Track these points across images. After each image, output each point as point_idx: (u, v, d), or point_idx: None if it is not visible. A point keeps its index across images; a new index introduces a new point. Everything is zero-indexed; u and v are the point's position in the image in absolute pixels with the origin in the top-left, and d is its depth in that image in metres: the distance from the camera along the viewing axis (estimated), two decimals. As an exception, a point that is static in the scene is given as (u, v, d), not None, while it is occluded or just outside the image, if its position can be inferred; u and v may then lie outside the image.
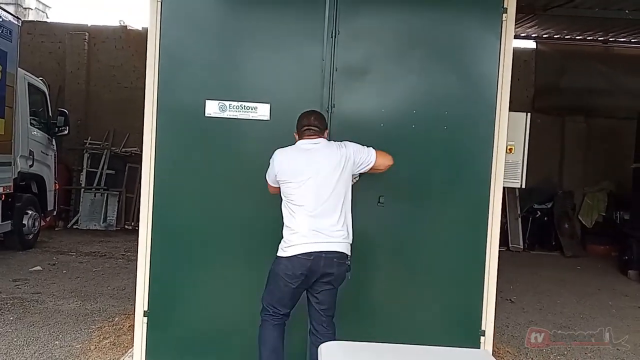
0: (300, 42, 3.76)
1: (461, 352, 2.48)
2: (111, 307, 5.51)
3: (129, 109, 10.79)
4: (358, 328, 3.62)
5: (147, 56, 3.73)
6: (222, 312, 3.82)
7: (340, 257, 3.17)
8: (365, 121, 3.73)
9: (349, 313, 3.63)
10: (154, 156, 3.73)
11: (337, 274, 3.18)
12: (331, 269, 3.15)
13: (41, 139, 8.64)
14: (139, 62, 11.09)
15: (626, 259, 8.49)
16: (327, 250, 3.14)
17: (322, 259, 3.12)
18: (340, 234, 3.18)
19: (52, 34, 11.70)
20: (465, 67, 3.79)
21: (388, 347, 2.32)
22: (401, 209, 3.77)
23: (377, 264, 3.80)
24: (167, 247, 3.78)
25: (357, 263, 3.37)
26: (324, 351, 2.08)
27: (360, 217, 3.42)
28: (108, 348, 4.36)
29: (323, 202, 3.15)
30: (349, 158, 3.20)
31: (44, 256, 7.89)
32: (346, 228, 3.22)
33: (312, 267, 3.13)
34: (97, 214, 10.94)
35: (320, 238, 3.13)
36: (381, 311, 3.80)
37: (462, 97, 3.75)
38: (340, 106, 3.69)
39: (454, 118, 3.73)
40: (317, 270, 3.14)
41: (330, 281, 3.20)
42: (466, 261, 3.75)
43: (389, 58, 3.79)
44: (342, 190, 3.20)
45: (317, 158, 3.21)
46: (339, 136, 3.50)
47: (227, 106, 3.70)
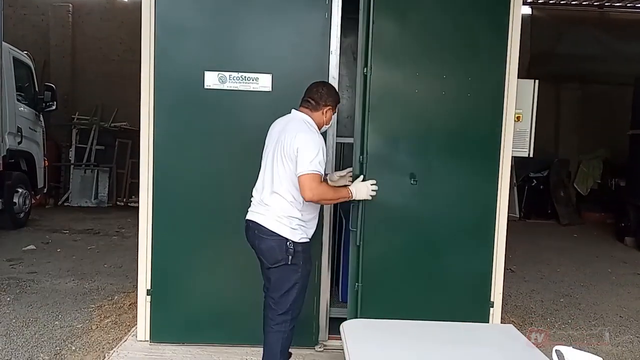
0: (304, 7, 3.60)
1: (485, 327, 2.42)
2: (109, 285, 5.42)
3: (117, 82, 10.59)
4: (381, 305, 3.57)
5: (142, 26, 3.58)
6: (226, 289, 3.75)
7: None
8: (401, 87, 3.56)
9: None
10: (152, 131, 3.60)
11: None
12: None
13: (29, 115, 8.42)
14: (125, 34, 10.90)
15: (622, 226, 8.53)
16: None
17: None
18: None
19: (35, 7, 11.35)
20: (475, 34, 3.63)
21: (411, 324, 2.25)
22: (425, 185, 3.58)
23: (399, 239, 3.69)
24: (168, 224, 3.67)
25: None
26: (346, 328, 2.00)
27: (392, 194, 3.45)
28: (110, 327, 4.28)
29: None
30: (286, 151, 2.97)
31: (37, 235, 7.76)
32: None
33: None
34: (87, 191, 10.79)
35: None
36: (402, 284, 3.70)
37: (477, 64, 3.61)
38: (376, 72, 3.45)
39: (477, 85, 3.58)
40: None
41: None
42: (477, 232, 3.68)
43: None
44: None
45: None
46: (377, 101, 3.41)
47: (227, 77, 3.57)
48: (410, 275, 3.62)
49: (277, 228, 2.97)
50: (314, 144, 2.92)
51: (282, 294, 3.01)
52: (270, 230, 2.98)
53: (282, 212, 2.97)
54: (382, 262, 3.57)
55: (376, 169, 3.42)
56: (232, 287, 3.74)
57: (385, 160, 3.52)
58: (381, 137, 3.50)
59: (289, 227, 2.97)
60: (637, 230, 8.09)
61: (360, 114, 3.43)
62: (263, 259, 3.06)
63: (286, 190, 2.97)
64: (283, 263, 2.97)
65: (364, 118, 3.41)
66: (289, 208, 2.97)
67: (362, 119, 3.42)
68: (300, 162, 2.89)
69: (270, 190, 3.01)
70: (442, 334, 2.11)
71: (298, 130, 2.96)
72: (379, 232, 3.52)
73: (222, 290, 3.75)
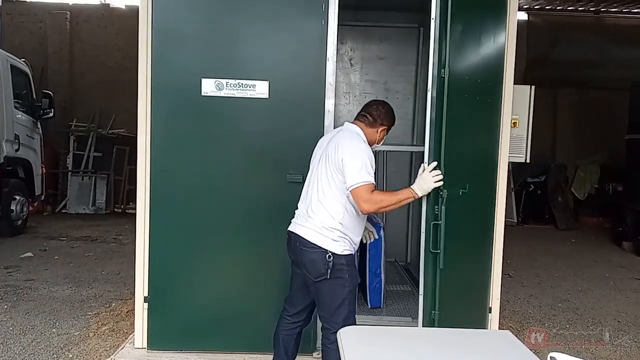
0: (300, 14, 3.61)
1: (482, 333, 2.42)
2: (107, 292, 5.41)
3: (114, 89, 10.59)
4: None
5: (139, 34, 3.58)
6: (224, 296, 3.74)
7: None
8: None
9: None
10: (149, 138, 3.61)
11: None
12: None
13: (26, 123, 8.42)
14: (123, 41, 10.91)
15: (620, 231, 8.54)
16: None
17: None
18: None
19: (33, 14, 11.38)
20: (478, 39, 3.61)
21: (407, 330, 2.25)
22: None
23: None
24: (165, 231, 3.67)
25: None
26: (343, 334, 2.00)
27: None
28: (107, 334, 4.27)
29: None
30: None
31: (35, 242, 7.74)
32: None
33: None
34: (85, 198, 10.77)
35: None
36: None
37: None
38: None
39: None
40: None
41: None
42: (476, 238, 3.68)
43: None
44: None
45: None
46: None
47: (224, 84, 3.57)
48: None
49: (318, 240, 2.87)
50: (360, 153, 2.84)
51: (333, 312, 2.88)
52: (312, 242, 2.88)
53: (323, 223, 2.87)
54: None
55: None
56: (230, 294, 3.73)
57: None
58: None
59: (330, 239, 2.86)
60: (634, 234, 8.10)
61: (436, 117, 3.11)
62: (307, 273, 2.92)
63: (328, 201, 2.89)
64: (326, 277, 2.84)
65: (442, 122, 3.09)
66: (330, 219, 2.87)
67: (439, 123, 3.10)
68: (348, 175, 2.80)
69: (313, 202, 2.93)
70: (439, 339, 2.11)
71: (344, 139, 2.91)
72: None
73: (220, 297, 3.75)
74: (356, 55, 5.94)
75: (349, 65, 5.96)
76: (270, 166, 3.62)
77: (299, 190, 3.36)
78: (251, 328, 3.68)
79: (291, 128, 3.61)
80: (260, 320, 3.61)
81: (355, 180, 2.78)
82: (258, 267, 3.70)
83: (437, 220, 3.05)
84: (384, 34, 5.90)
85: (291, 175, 3.53)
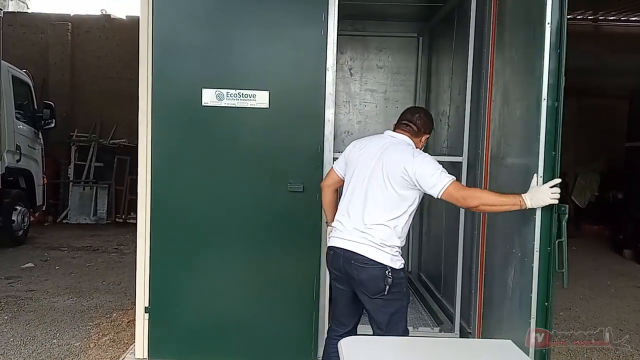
0: (300, 25, 3.63)
1: (484, 342, 2.42)
2: (107, 302, 5.41)
3: (115, 99, 10.66)
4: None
5: (140, 45, 3.61)
6: (225, 306, 3.73)
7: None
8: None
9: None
10: (150, 149, 3.62)
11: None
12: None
13: (27, 133, 8.45)
14: (124, 51, 10.96)
15: (621, 238, 8.52)
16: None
17: None
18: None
19: (34, 25, 11.45)
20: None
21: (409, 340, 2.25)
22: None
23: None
24: (166, 241, 3.68)
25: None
26: (344, 345, 2.00)
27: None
28: (108, 345, 4.27)
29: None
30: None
31: (35, 252, 7.75)
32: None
33: None
34: (86, 208, 10.79)
35: None
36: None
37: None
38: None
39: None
40: None
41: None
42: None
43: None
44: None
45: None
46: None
47: (225, 94, 3.59)
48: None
49: (378, 256, 2.78)
50: (425, 159, 2.78)
51: (391, 327, 2.82)
52: (372, 259, 2.78)
53: (384, 240, 2.78)
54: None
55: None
56: (231, 304, 3.72)
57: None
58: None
59: (390, 255, 2.79)
60: (635, 242, 8.08)
61: (553, 128, 2.84)
62: (363, 290, 2.83)
63: (386, 216, 2.80)
64: (386, 293, 2.77)
65: (557, 132, 2.83)
66: (391, 236, 2.80)
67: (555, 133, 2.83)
68: (429, 184, 2.71)
69: (370, 217, 2.81)
70: (441, 349, 2.11)
71: (404, 154, 2.82)
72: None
73: (221, 307, 3.74)
74: (356, 64, 5.97)
75: (349, 75, 5.99)
76: (271, 176, 3.63)
77: (299, 200, 3.40)
78: (252, 338, 3.67)
79: (291, 137, 3.62)
80: (260, 330, 3.62)
81: (441, 182, 2.69)
82: (259, 276, 3.70)
83: (560, 237, 2.79)
84: (383, 44, 5.94)
85: (291, 185, 3.55)
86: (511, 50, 3.35)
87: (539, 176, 2.76)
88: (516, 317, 3.01)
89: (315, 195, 3.48)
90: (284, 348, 3.66)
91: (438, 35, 5.48)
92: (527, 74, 3.01)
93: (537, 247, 2.80)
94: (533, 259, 2.79)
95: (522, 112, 3.12)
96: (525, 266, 2.87)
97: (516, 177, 3.12)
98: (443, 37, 5.18)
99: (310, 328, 3.66)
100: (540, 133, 2.77)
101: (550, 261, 2.76)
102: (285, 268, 3.64)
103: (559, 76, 2.77)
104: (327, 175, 3.23)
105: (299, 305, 3.64)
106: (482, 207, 2.74)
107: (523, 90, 3.14)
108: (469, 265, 3.95)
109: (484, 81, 3.76)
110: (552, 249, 2.77)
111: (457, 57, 4.56)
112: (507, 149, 3.37)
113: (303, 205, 3.56)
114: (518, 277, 2.99)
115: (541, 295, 2.81)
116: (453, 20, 4.65)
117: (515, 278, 3.03)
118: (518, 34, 3.28)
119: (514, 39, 3.33)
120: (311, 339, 3.68)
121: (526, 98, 3.04)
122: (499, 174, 3.46)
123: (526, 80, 3.06)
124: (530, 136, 2.90)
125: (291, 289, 3.64)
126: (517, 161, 3.20)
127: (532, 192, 2.73)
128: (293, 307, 3.66)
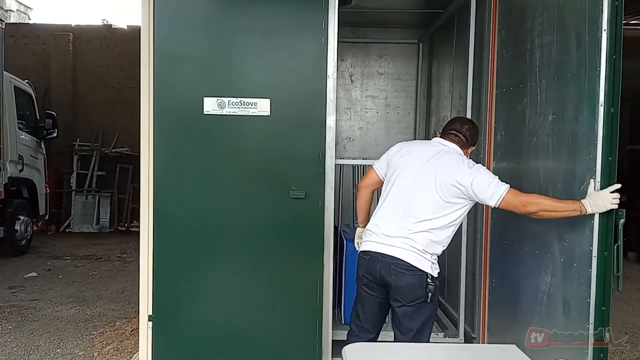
0: (300, 33, 3.64)
1: (488, 348, 2.41)
2: (111, 311, 5.41)
3: (117, 108, 10.70)
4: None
5: (141, 55, 3.61)
6: (228, 314, 3.72)
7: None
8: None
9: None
10: (152, 157, 3.62)
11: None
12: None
13: (30, 143, 8.49)
14: (125, 61, 11.01)
15: (625, 241, 8.41)
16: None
17: None
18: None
19: (36, 36, 11.50)
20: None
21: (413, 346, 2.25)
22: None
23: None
24: (169, 249, 3.67)
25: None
26: (348, 351, 2.00)
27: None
28: (112, 354, 4.27)
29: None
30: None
31: (39, 261, 7.76)
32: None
33: None
34: (89, 217, 10.81)
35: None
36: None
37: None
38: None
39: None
40: None
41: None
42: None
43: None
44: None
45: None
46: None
47: (226, 103, 3.60)
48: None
49: (419, 263, 2.77)
50: (485, 170, 2.80)
51: (420, 335, 2.81)
52: (413, 265, 2.76)
53: (426, 247, 2.78)
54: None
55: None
56: (234, 311, 3.71)
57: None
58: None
59: (430, 262, 2.79)
60: (639, 245, 8.05)
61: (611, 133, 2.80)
62: (399, 296, 2.80)
63: (436, 225, 2.79)
64: (422, 300, 2.77)
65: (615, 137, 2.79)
66: (435, 244, 2.80)
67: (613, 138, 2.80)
68: (489, 192, 2.70)
69: (414, 223, 2.80)
70: (445, 355, 2.11)
71: (458, 165, 2.80)
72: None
73: (224, 315, 3.73)
74: (356, 71, 6.00)
75: (350, 82, 6.01)
76: (273, 183, 3.63)
77: (301, 207, 3.38)
78: (255, 346, 3.66)
79: (293, 144, 3.62)
80: (264, 337, 3.61)
81: (499, 190, 2.69)
82: (261, 283, 3.69)
83: (617, 241, 2.80)
84: (383, 50, 5.96)
85: (293, 192, 3.55)
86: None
87: (595, 180, 2.73)
88: (554, 321, 3.00)
89: (317, 202, 3.49)
90: (288, 355, 3.65)
91: (438, 41, 5.50)
92: (567, 81, 2.98)
93: (595, 252, 2.75)
94: (591, 265, 2.73)
95: (556, 118, 3.04)
96: (572, 272, 2.84)
97: (521, 181, 3.14)
98: (443, 43, 5.20)
99: (314, 335, 3.65)
100: (597, 139, 2.74)
101: (606, 266, 2.72)
102: (288, 274, 3.63)
103: (614, 82, 2.79)
104: (366, 175, 3.20)
105: (302, 312, 3.63)
106: (541, 212, 2.69)
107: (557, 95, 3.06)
108: (472, 269, 3.95)
109: (485, 86, 3.77)
110: (609, 253, 2.74)
111: (457, 63, 4.58)
112: (513, 153, 3.38)
113: (305, 212, 3.55)
114: (559, 282, 2.95)
115: (599, 300, 2.75)
116: (453, 26, 4.67)
117: (554, 283, 2.99)
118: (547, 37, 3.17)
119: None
120: (315, 345, 3.67)
121: (561, 102, 2.99)
122: (501, 178, 3.45)
123: (564, 85, 3.01)
124: (569, 141, 2.90)
125: (294, 295, 3.63)
126: (528, 166, 3.21)
127: (591, 198, 2.69)
128: (296, 314, 3.65)
